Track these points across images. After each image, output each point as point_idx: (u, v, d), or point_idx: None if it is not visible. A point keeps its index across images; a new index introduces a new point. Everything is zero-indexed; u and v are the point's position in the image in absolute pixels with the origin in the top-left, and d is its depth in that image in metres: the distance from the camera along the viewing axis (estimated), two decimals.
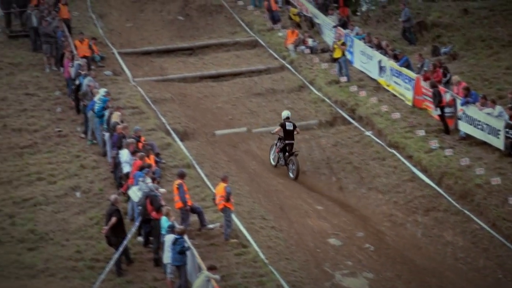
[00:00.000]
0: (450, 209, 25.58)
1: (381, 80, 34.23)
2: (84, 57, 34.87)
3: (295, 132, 29.42)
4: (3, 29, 41.41)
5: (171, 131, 31.30)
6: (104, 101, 29.49)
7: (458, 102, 29.08)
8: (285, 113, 29.90)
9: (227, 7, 44.86)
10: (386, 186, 27.63)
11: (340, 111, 33.02)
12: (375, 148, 29.93)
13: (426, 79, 31.07)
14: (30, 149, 30.26)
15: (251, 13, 43.73)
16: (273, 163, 29.93)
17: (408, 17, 38.79)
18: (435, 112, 30.15)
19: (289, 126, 29.38)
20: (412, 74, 32.01)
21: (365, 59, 35.52)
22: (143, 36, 42.51)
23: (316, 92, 34.86)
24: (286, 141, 29.25)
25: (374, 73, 34.82)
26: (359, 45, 35.98)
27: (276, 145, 29.72)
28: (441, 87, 29.88)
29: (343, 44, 35.61)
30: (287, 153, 29.28)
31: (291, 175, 29.01)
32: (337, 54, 35.35)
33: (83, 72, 32.11)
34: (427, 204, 26.14)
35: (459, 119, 29.01)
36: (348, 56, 36.36)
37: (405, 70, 32.44)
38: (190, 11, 45.20)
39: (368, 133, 30.98)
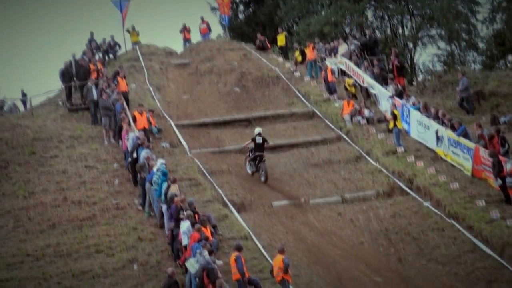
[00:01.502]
0: None
1: (439, 150, 33.93)
2: (142, 129, 35.27)
3: (265, 145, 34.40)
4: (64, 102, 42.19)
5: (228, 203, 31.30)
6: (165, 173, 29.71)
7: None
8: (257, 130, 34.97)
9: (283, 78, 45.18)
10: (446, 257, 27.14)
11: (398, 182, 32.72)
12: (434, 218, 29.51)
13: (485, 148, 30.76)
14: (89, 222, 30.50)
15: (308, 84, 43.97)
16: (249, 171, 34.64)
17: (466, 86, 38.47)
18: (495, 183, 29.71)
19: (259, 140, 34.40)
20: (471, 144, 31.68)
21: (422, 129, 35.30)
22: (200, 108, 42.92)
23: (373, 163, 34.68)
24: (256, 153, 34.34)
25: (431, 143, 34.55)
26: (415, 115, 35.81)
27: (248, 156, 34.72)
28: (501, 157, 29.51)
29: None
30: (258, 162, 34.15)
31: (262, 178, 34.00)
32: (391, 124, 35.30)
33: (143, 145, 32.46)
34: (489, 276, 25.57)
35: None
36: (405, 126, 36.23)
37: (463, 140, 32.14)
38: (247, 82, 45.59)
39: (426, 203, 30.60)
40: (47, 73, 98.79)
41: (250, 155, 34.67)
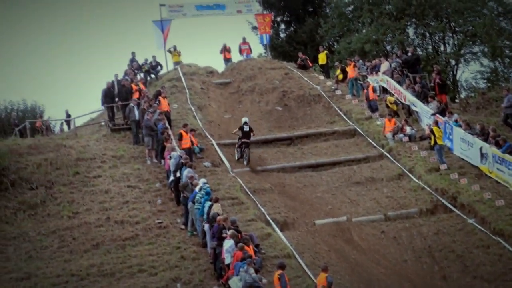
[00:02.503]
0: None
1: (483, 167, 33.63)
2: (185, 149, 35.41)
3: (252, 134, 37.91)
4: (106, 123, 42.53)
5: (271, 221, 31.26)
6: (208, 192, 29.79)
7: None
8: (244, 119, 38.57)
9: (325, 97, 45.14)
10: (492, 274, 26.85)
11: (441, 199, 32.48)
12: (479, 236, 29.23)
13: None
14: (132, 241, 30.64)
15: (349, 102, 43.87)
16: (236, 157, 38.15)
17: (511, 103, 38.11)
18: None
19: (246, 129, 37.76)
20: None
21: (466, 146, 35.02)
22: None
23: (416, 180, 34.47)
24: (243, 140, 37.79)
25: (475, 160, 34.26)
26: (458, 132, 35.55)
27: (237, 144, 38.23)
28: None
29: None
30: (243, 148, 37.67)
31: (244, 162, 37.53)
32: (433, 141, 35.09)
33: (186, 164, 32.58)
34: None
35: None
36: (448, 144, 35.99)
37: (508, 157, 31.83)
38: (289, 101, 45.60)
39: (471, 220, 30.33)
40: (90, 93, 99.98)
41: (238, 142, 38.09)
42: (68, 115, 48.85)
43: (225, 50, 53.50)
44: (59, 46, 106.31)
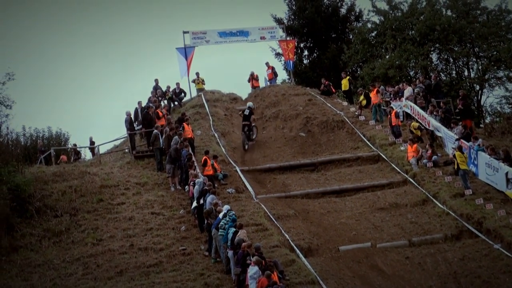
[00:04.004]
0: None
1: (509, 192, 33.39)
2: (208, 175, 35.47)
3: (252, 118, 43.17)
4: (130, 150, 42.72)
5: (295, 248, 31.17)
6: (234, 219, 29.79)
7: None
8: (249, 104, 44.86)
9: (348, 123, 45.12)
10: None
11: (466, 225, 32.27)
12: (505, 261, 28.97)
13: None
14: (155, 268, 30.64)
15: (373, 128, 43.80)
16: (242, 145, 43.17)
17: None
18: None
19: (246, 112, 43.37)
20: None
21: (491, 171, 34.82)
22: (266, 153, 43.04)
23: (441, 206, 34.29)
24: (243, 123, 43.27)
25: (501, 185, 34.04)
26: (483, 157, 35.36)
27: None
28: None
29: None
30: (246, 130, 43.08)
31: (251, 140, 43.77)
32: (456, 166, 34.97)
33: (209, 191, 32.61)
34: None
35: None
36: (473, 169, 35.81)
37: None
38: (312, 127, 45.61)
39: (497, 246, 30.08)
40: (113, 120, 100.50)
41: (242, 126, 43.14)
42: (92, 142, 49.10)
43: (253, 78, 53.70)
44: (83, 72, 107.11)
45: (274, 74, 54.67)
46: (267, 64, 54.99)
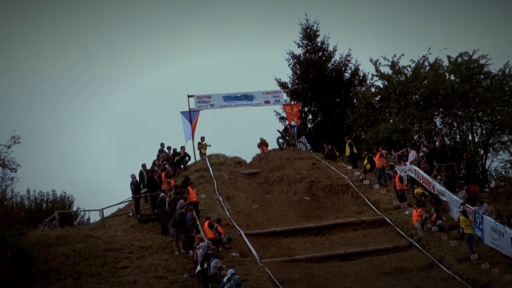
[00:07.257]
0: None
1: None
2: (212, 239, 35.42)
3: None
4: (134, 213, 42.71)
5: None
6: (239, 284, 29.65)
7: None
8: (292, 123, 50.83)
9: (353, 186, 45.15)
10: None
11: None
12: None
13: None
14: None
15: (377, 192, 43.80)
16: None
17: None
18: None
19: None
20: None
21: (496, 235, 34.70)
22: (270, 217, 42.98)
23: (446, 270, 34.11)
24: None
25: (506, 250, 33.90)
26: (489, 222, 35.27)
27: None
28: None
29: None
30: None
31: None
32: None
33: (214, 255, 32.53)
34: None
35: None
36: (478, 233, 35.69)
37: None
38: (316, 191, 45.64)
39: None
40: (117, 183, 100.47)
41: None
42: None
43: (263, 144, 53.92)
44: (88, 137, 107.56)
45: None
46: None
